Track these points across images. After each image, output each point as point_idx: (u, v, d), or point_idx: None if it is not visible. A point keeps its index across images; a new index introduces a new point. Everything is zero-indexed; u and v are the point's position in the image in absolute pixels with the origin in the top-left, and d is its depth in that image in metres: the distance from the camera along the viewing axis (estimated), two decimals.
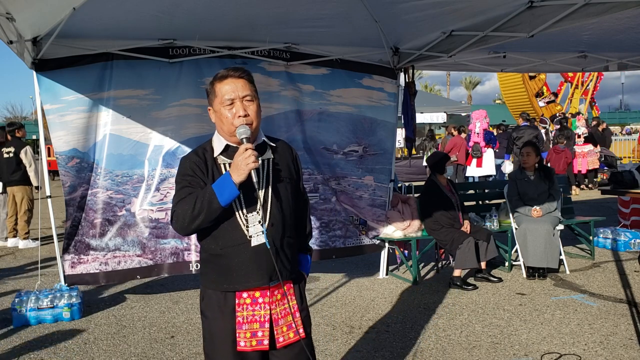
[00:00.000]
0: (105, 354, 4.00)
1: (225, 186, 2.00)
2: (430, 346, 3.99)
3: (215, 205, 2.00)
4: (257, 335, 2.13)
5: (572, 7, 4.09)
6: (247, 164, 1.97)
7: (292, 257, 2.22)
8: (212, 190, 2.01)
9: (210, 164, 2.13)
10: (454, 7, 4.48)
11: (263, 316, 2.13)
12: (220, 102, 2.11)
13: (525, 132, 11.76)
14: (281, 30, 4.97)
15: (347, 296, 5.31)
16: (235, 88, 2.10)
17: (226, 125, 2.11)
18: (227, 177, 2.01)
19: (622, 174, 7.32)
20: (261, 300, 2.13)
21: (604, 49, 6.20)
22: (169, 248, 5.07)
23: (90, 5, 3.43)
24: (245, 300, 2.13)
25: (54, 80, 4.65)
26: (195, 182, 2.09)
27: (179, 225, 2.06)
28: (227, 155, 2.15)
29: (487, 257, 5.55)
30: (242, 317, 2.12)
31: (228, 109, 2.09)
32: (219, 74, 2.14)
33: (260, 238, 2.08)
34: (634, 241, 6.91)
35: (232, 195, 2.01)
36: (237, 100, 2.09)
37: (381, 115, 5.88)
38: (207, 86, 2.19)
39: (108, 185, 4.92)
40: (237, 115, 2.08)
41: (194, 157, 2.15)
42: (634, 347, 3.86)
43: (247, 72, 2.16)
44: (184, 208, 2.03)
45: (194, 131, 5.11)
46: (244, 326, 2.12)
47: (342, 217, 5.73)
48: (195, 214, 2.00)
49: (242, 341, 2.12)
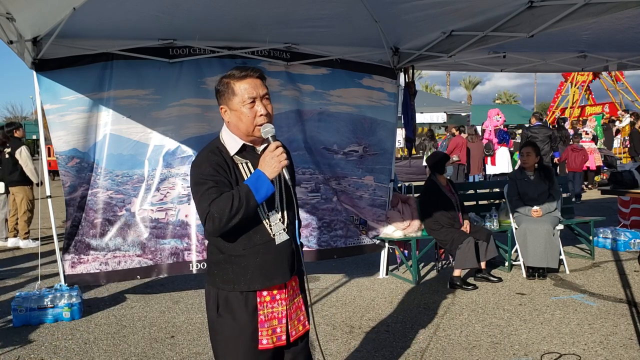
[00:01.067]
0: (105, 354, 4.00)
1: (261, 183, 2.02)
2: (430, 346, 3.99)
3: (252, 202, 2.01)
4: (277, 331, 2.18)
5: (572, 7, 4.09)
6: (279, 162, 2.02)
7: None
8: (248, 187, 2.01)
9: (229, 163, 2.13)
10: (454, 7, 4.48)
11: (281, 312, 2.18)
12: (241, 100, 2.09)
13: (539, 131, 11.77)
14: (281, 30, 4.97)
15: (347, 296, 5.31)
16: (255, 86, 2.11)
17: (245, 125, 2.10)
18: (260, 174, 2.03)
19: (622, 174, 7.32)
20: (279, 297, 2.18)
21: (603, 49, 6.20)
22: (168, 248, 5.07)
23: (91, 5, 3.43)
24: (265, 298, 2.16)
25: (54, 80, 4.65)
26: (222, 182, 2.06)
27: (215, 226, 2.01)
28: (242, 155, 2.15)
29: (487, 257, 5.55)
30: (264, 315, 2.15)
31: (249, 108, 2.09)
32: (235, 73, 2.12)
33: (283, 235, 2.14)
34: (634, 241, 6.91)
35: (268, 192, 2.04)
36: (258, 99, 2.10)
37: (381, 115, 5.88)
38: (219, 85, 2.16)
39: (108, 185, 4.92)
40: (259, 114, 2.09)
41: (212, 156, 2.12)
42: (634, 347, 3.86)
43: (262, 72, 2.18)
44: (220, 208, 1.98)
45: (194, 131, 5.11)
46: (266, 324, 2.15)
47: (343, 216, 5.73)
48: (233, 212, 1.98)
49: (265, 339, 2.15)
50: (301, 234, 2.39)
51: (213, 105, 5.11)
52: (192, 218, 5.09)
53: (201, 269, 5.12)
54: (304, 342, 2.30)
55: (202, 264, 5.11)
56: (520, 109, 35.35)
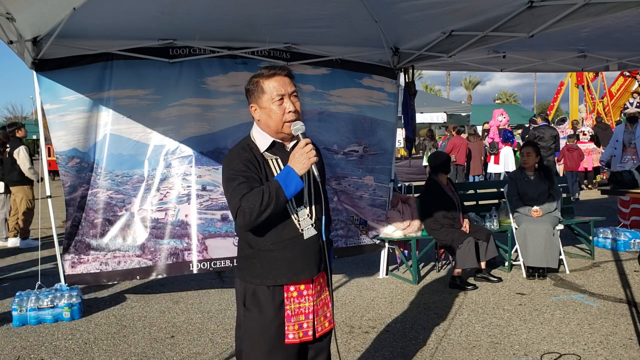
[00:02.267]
0: (105, 354, 4.00)
1: (290, 179, 2.06)
2: (430, 346, 4.00)
3: (282, 198, 2.05)
4: (303, 326, 2.21)
5: (572, 7, 4.09)
6: (309, 158, 2.07)
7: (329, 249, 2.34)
8: (278, 183, 2.05)
9: (260, 159, 2.17)
10: (454, 7, 4.48)
11: (308, 308, 2.21)
12: (270, 98, 2.14)
13: (545, 131, 11.80)
14: (281, 30, 4.97)
15: (347, 296, 5.31)
16: (284, 84, 2.15)
17: (274, 122, 2.15)
18: (290, 170, 2.07)
19: (622, 174, 7.31)
20: (306, 292, 2.21)
21: (603, 49, 6.20)
22: (168, 248, 5.07)
23: (91, 5, 3.43)
24: (292, 293, 2.19)
25: (54, 80, 4.65)
26: (252, 177, 2.11)
27: (246, 220, 2.06)
28: (272, 152, 2.20)
29: (487, 257, 5.54)
30: (291, 309, 2.19)
31: (278, 105, 2.13)
32: (263, 72, 2.17)
33: (312, 231, 2.18)
34: (634, 241, 6.91)
35: (297, 188, 2.08)
36: (287, 96, 2.14)
37: (381, 115, 5.88)
38: (248, 84, 2.20)
39: (108, 185, 4.93)
40: (287, 111, 2.13)
41: (243, 153, 2.17)
42: (634, 347, 3.86)
43: (290, 70, 2.22)
44: (251, 203, 2.03)
45: (194, 131, 5.12)
46: (292, 319, 2.19)
47: (344, 216, 5.74)
48: (264, 207, 2.03)
49: (291, 333, 2.18)
50: (330, 230, 2.42)
51: (213, 105, 5.18)
52: (192, 218, 5.09)
53: (201, 268, 5.12)
54: (328, 338, 2.33)
55: (202, 264, 5.11)
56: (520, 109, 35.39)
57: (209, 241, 5.13)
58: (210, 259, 5.13)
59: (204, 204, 5.13)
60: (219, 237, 5.16)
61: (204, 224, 5.12)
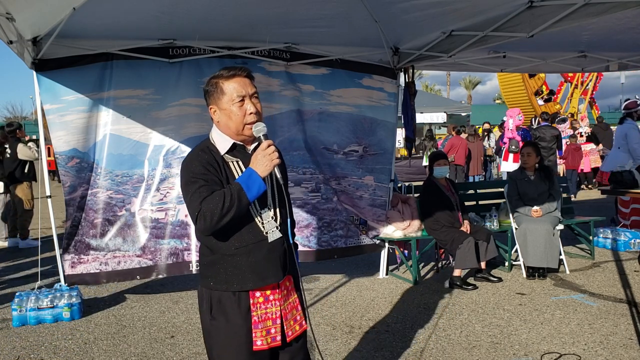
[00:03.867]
0: (105, 354, 4.00)
1: (252, 181, 2.02)
2: (430, 346, 3.99)
3: (244, 200, 2.01)
4: (271, 332, 2.16)
5: (572, 7, 4.09)
6: (271, 160, 2.02)
7: None
8: (240, 185, 2.01)
9: (220, 162, 2.13)
10: (454, 7, 4.48)
11: (274, 313, 2.17)
12: (230, 99, 2.10)
13: (546, 131, 11.81)
14: (281, 30, 4.97)
15: (347, 296, 5.31)
16: (244, 85, 2.11)
17: (235, 123, 2.11)
18: (252, 172, 2.03)
19: (622, 174, 7.32)
20: (272, 297, 2.17)
21: (604, 49, 6.20)
22: (168, 248, 5.07)
23: (91, 5, 3.43)
24: (258, 299, 2.15)
25: (54, 80, 4.65)
26: (212, 180, 2.06)
27: (207, 224, 2.00)
28: (233, 154, 2.16)
29: (487, 257, 5.54)
30: (257, 316, 2.14)
31: (238, 106, 2.10)
32: (222, 73, 2.13)
33: (276, 233, 2.13)
34: (634, 241, 6.91)
35: (260, 190, 2.04)
36: (247, 97, 2.11)
37: (381, 115, 5.88)
38: (207, 85, 2.17)
39: (108, 185, 4.92)
40: (248, 113, 2.10)
41: (203, 155, 2.12)
42: (634, 347, 3.86)
43: (250, 71, 2.18)
44: (212, 206, 1.98)
45: (194, 131, 5.11)
46: (260, 325, 2.14)
47: (344, 216, 5.73)
48: (225, 211, 1.98)
49: (259, 340, 2.14)
50: (295, 234, 2.38)
51: None
52: None
53: None
54: (302, 341, 2.29)
55: None
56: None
57: None
58: None
59: None
60: None
61: None
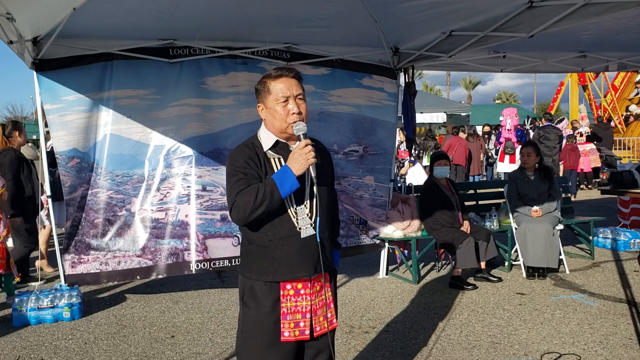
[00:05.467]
0: (106, 353, 4.00)
1: (286, 178, 2.09)
2: (430, 346, 4.00)
3: (276, 196, 2.09)
4: (300, 325, 2.23)
5: (572, 7, 4.09)
6: (307, 159, 2.08)
7: (331, 250, 2.36)
8: (274, 181, 2.09)
9: (261, 157, 2.21)
10: (454, 7, 4.48)
11: (305, 307, 2.23)
12: (275, 99, 2.19)
13: (551, 131, 11.84)
14: (281, 30, 4.97)
15: (347, 296, 5.31)
16: (289, 86, 2.19)
17: (279, 122, 2.20)
18: (287, 169, 2.10)
19: (622, 174, 7.33)
20: (303, 291, 2.23)
21: (603, 49, 6.20)
22: (168, 248, 5.07)
23: (91, 5, 3.43)
24: (289, 291, 2.22)
25: (54, 80, 4.65)
26: (251, 174, 2.16)
27: (240, 215, 2.11)
28: (275, 151, 2.24)
29: (487, 257, 5.55)
30: (287, 307, 2.21)
31: (282, 106, 2.18)
32: (272, 72, 2.23)
33: (309, 230, 2.20)
34: (634, 241, 6.92)
35: (293, 187, 2.11)
36: (291, 98, 2.19)
37: (381, 115, 5.88)
38: (257, 84, 2.26)
39: (108, 185, 4.92)
40: (291, 112, 2.17)
41: (246, 150, 2.22)
42: (634, 347, 3.86)
43: (298, 72, 2.26)
44: (246, 199, 2.08)
45: (194, 131, 5.12)
46: (288, 317, 2.21)
47: (344, 216, 5.74)
48: (257, 204, 2.07)
49: (287, 331, 2.21)
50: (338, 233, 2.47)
51: (213, 105, 5.18)
52: (191, 218, 5.09)
53: (201, 269, 5.12)
54: (327, 340, 2.33)
55: (202, 264, 5.12)
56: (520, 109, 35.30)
57: (209, 241, 5.13)
58: (209, 259, 5.13)
59: (204, 204, 5.13)
60: (219, 237, 5.17)
61: (203, 224, 5.12)
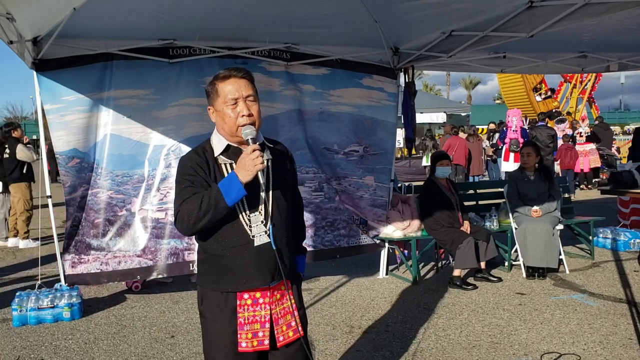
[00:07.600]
0: (106, 354, 4.01)
1: (232, 186, 1.99)
2: (430, 346, 4.00)
3: (222, 205, 1.99)
4: (258, 335, 2.13)
5: (572, 7, 4.09)
6: (254, 165, 1.97)
7: (291, 257, 2.25)
8: (219, 190, 1.99)
9: (211, 163, 2.12)
10: (454, 7, 4.48)
11: (264, 316, 2.14)
12: (223, 101, 2.09)
13: (543, 131, 11.87)
14: (281, 30, 4.97)
15: (347, 296, 5.31)
16: (238, 87, 2.09)
17: (228, 125, 2.10)
18: (233, 177, 2.00)
19: (622, 174, 7.33)
20: (262, 300, 2.14)
21: (604, 49, 6.20)
22: (168, 248, 5.07)
23: (91, 5, 3.43)
24: (246, 301, 2.13)
25: (54, 80, 4.65)
26: (198, 182, 2.06)
27: (185, 225, 2.04)
28: (227, 156, 2.14)
29: (486, 257, 5.55)
30: (244, 317, 2.12)
31: (231, 109, 2.08)
32: (220, 73, 2.13)
33: (264, 238, 2.09)
34: (634, 241, 6.92)
35: (239, 195, 2.00)
36: (241, 99, 2.09)
37: (381, 115, 5.88)
38: (207, 86, 2.18)
39: (108, 185, 4.92)
40: (240, 115, 2.08)
41: (195, 156, 2.13)
42: (634, 346, 3.86)
43: (249, 72, 2.15)
44: (190, 208, 2.00)
45: (194, 131, 5.11)
46: (245, 327, 2.12)
47: (346, 216, 5.74)
48: (202, 214, 1.98)
49: (244, 342, 2.12)
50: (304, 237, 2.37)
51: None
52: None
53: None
54: (296, 348, 2.21)
55: None
56: None
57: None
58: None
59: None
60: None
61: None
